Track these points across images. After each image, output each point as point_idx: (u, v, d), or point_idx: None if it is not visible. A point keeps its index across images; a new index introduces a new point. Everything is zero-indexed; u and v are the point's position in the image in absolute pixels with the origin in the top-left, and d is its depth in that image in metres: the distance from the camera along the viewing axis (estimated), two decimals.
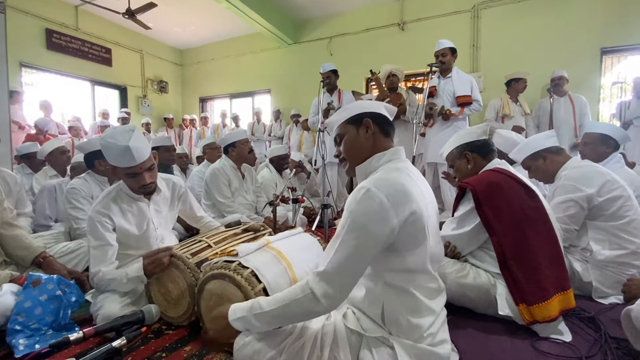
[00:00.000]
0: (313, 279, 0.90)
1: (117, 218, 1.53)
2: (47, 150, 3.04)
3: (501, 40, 5.02)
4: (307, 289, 0.89)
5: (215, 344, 1.06)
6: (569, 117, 4.09)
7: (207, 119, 7.34)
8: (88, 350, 1.25)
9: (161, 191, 1.69)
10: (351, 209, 0.91)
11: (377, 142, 1.08)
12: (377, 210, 0.87)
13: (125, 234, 1.56)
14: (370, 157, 1.06)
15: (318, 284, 0.88)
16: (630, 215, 1.66)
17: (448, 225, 1.62)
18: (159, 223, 1.70)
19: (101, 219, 1.49)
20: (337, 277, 0.88)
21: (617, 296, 1.63)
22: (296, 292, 0.91)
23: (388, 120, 1.12)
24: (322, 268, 0.90)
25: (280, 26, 6.10)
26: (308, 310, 0.90)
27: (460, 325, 1.42)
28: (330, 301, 0.88)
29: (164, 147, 2.98)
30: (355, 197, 0.91)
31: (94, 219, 1.49)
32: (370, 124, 1.07)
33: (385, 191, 0.89)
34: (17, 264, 1.63)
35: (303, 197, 2.75)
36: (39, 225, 2.42)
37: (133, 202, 1.61)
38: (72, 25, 6.06)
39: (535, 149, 1.90)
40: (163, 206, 1.74)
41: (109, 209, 1.52)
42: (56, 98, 5.77)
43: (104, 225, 1.49)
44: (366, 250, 0.89)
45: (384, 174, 0.96)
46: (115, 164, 1.49)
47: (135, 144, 1.44)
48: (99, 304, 1.44)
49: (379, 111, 1.11)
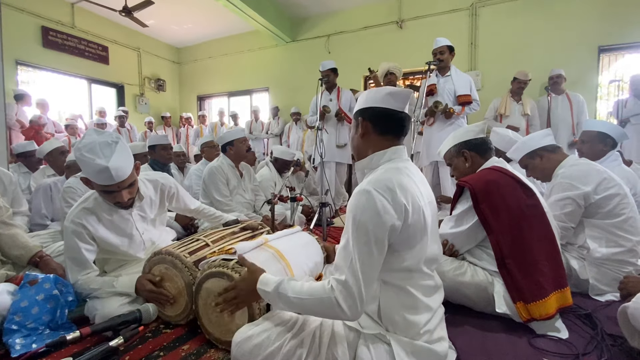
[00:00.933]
0: (337, 286, 0.88)
1: (95, 227, 1.44)
2: (46, 150, 3.03)
3: (499, 38, 5.02)
4: (332, 297, 0.87)
5: (233, 303, 1.10)
6: (567, 115, 4.10)
7: (205, 117, 7.31)
8: (85, 349, 1.24)
9: (144, 198, 1.57)
10: (355, 214, 0.90)
11: (373, 142, 1.05)
12: (378, 209, 0.87)
13: (107, 242, 1.48)
14: (371, 154, 1.05)
15: (344, 297, 0.86)
16: (627, 213, 1.67)
17: (446, 223, 1.62)
18: (144, 229, 1.62)
19: (75, 229, 1.40)
20: (358, 289, 0.86)
21: (614, 293, 1.64)
22: (321, 294, 0.89)
23: (388, 115, 1.03)
24: (343, 277, 0.87)
25: (278, 24, 6.08)
26: (332, 314, 0.89)
27: (458, 323, 1.43)
28: (355, 313, 0.87)
29: (160, 145, 2.96)
30: (357, 202, 0.90)
31: (68, 228, 1.41)
32: (361, 122, 1.05)
33: (382, 190, 0.89)
34: (13, 263, 1.63)
35: (301, 196, 2.75)
36: (36, 225, 2.40)
37: (113, 211, 1.49)
38: (68, 23, 6.01)
39: (531, 148, 1.91)
40: (149, 210, 1.64)
41: (85, 219, 1.42)
42: (53, 96, 5.74)
43: (79, 234, 1.41)
44: (378, 254, 0.89)
45: (383, 174, 0.95)
46: (91, 179, 1.34)
47: (115, 163, 1.29)
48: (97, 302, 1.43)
49: (378, 105, 1.03)
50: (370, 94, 1.06)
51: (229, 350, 1.05)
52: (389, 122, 1.04)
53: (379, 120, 1.04)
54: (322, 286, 0.91)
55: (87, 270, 1.45)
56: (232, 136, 2.77)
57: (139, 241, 1.61)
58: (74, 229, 1.41)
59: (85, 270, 1.45)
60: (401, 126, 1.05)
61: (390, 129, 1.04)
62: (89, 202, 1.47)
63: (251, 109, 6.91)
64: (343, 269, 0.88)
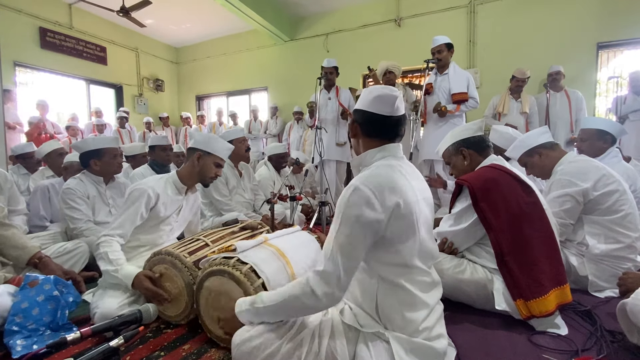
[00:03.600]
0: (313, 277, 0.92)
1: (161, 195, 1.65)
2: (45, 152, 3.03)
3: (497, 35, 5.01)
4: (308, 287, 0.92)
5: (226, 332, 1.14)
6: (565, 112, 4.10)
7: (204, 117, 7.30)
8: (86, 350, 1.25)
9: (197, 191, 1.89)
10: (340, 207, 0.94)
11: (364, 142, 1.09)
12: (363, 203, 0.90)
13: (155, 215, 1.66)
14: (363, 152, 1.08)
15: (318, 283, 0.91)
16: (626, 209, 1.67)
17: (445, 221, 1.62)
18: (179, 218, 1.82)
19: (150, 197, 1.59)
20: (335, 275, 0.90)
21: (613, 290, 1.64)
22: (296, 289, 0.94)
23: (376, 122, 1.03)
24: (320, 267, 0.92)
25: (276, 23, 6.07)
26: (308, 306, 0.93)
27: (458, 321, 1.43)
28: (330, 299, 0.91)
29: (159, 146, 2.96)
30: (344, 196, 0.95)
31: (146, 191, 1.58)
32: (352, 124, 1.10)
33: (370, 185, 0.92)
34: (13, 265, 1.62)
35: (301, 195, 2.75)
36: (35, 226, 2.40)
37: (176, 193, 1.75)
38: (66, 24, 6.00)
39: (530, 146, 1.91)
40: (189, 208, 1.87)
41: (163, 190, 1.67)
42: (51, 97, 5.73)
43: (149, 199, 1.59)
44: (358, 243, 0.91)
45: (373, 171, 0.98)
46: (217, 153, 1.76)
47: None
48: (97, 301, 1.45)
49: (366, 109, 1.04)
50: (363, 94, 1.08)
51: (229, 349, 1.05)
52: (376, 127, 1.05)
53: (367, 125, 1.06)
54: (297, 282, 0.96)
55: (120, 231, 1.55)
56: (231, 136, 2.77)
57: (169, 226, 1.77)
58: (149, 194, 1.59)
59: (119, 230, 1.55)
60: (391, 131, 1.05)
61: (379, 133, 1.05)
62: (164, 180, 1.73)
63: (250, 109, 6.90)
64: (322, 260, 0.93)
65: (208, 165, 1.76)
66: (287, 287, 0.98)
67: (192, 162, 1.75)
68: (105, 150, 2.15)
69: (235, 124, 6.67)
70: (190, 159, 1.76)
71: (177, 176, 1.76)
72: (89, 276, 1.81)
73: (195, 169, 1.76)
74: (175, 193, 1.74)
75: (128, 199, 1.60)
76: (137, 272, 1.43)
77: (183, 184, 1.77)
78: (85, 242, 2.01)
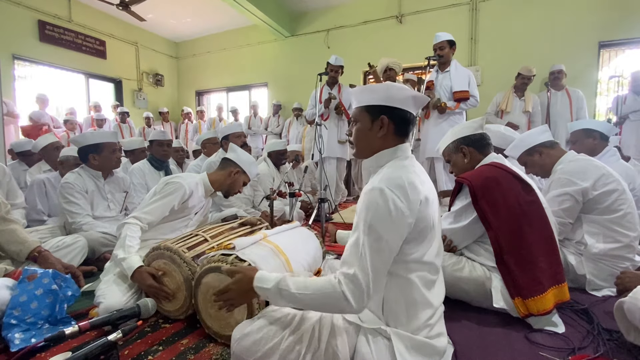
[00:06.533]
0: (344, 280, 0.87)
1: (193, 198, 1.73)
2: (41, 145, 3.01)
3: (499, 33, 4.99)
4: (339, 290, 0.87)
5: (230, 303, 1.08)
6: (566, 111, 4.09)
7: (204, 112, 7.28)
8: (84, 344, 1.25)
9: (216, 197, 1.97)
10: (368, 210, 0.90)
11: (388, 142, 1.04)
12: (393, 212, 0.88)
13: (181, 210, 1.71)
14: (378, 152, 1.04)
15: (351, 290, 0.86)
16: (625, 208, 1.67)
17: (445, 219, 1.62)
18: (195, 218, 1.86)
19: (186, 193, 1.65)
20: (366, 283, 0.87)
21: (611, 289, 1.65)
22: (327, 288, 0.89)
23: (408, 119, 1.04)
24: (351, 271, 0.87)
25: (277, 18, 6.04)
26: (337, 308, 0.90)
27: (456, 318, 1.43)
28: (361, 305, 0.88)
29: (157, 141, 2.96)
30: (370, 200, 0.91)
31: (183, 187, 1.64)
32: (386, 123, 1.02)
33: (394, 187, 0.90)
34: (11, 258, 1.62)
35: (300, 191, 2.74)
36: (33, 220, 2.40)
37: (203, 195, 1.81)
38: (65, 17, 5.96)
39: (530, 145, 1.90)
40: (205, 210, 1.92)
41: (195, 189, 1.73)
42: (50, 91, 5.71)
43: (184, 194, 1.65)
44: (390, 250, 0.90)
45: (392, 172, 0.95)
46: (250, 176, 1.92)
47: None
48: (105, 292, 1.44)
49: (402, 107, 1.02)
50: (394, 92, 1.02)
51: (228, 344, 1.05)
52: (407, 126, 1.06)
53: (402, 123, 1.04)
54: (327, 280, 0.91)
55: (150, 218, 1.58)
56: (228, 131, 2.78)
57: (187, 222, 1.81)
58: (185, 190, 1.65)
59: (149, 217, 1.58)
60: (410, 130, 1.08)
61: (405, 132, 1.06)
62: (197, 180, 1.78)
63: (250, 104, 6.88)
64: (352, 263, 0.88)
65: (239, 181, 1.87)
66: (316, 282, 0.92)
67: (229, 173, 1.85)
68: (104, 145, 2.14)
69: (236, 120, 6.65)
70: (227, 170, 1.86)
71: (208, 179, 1.82)
72: (88, 270, 1.81)
73: (228, 180, 1.85)
74: (202, 195, 1.80)
75: (163, 189, 1.63)
76: (138, 265, 1.42)
77: (211, 188, 1.83)
78: (84, 237, 2.00)
